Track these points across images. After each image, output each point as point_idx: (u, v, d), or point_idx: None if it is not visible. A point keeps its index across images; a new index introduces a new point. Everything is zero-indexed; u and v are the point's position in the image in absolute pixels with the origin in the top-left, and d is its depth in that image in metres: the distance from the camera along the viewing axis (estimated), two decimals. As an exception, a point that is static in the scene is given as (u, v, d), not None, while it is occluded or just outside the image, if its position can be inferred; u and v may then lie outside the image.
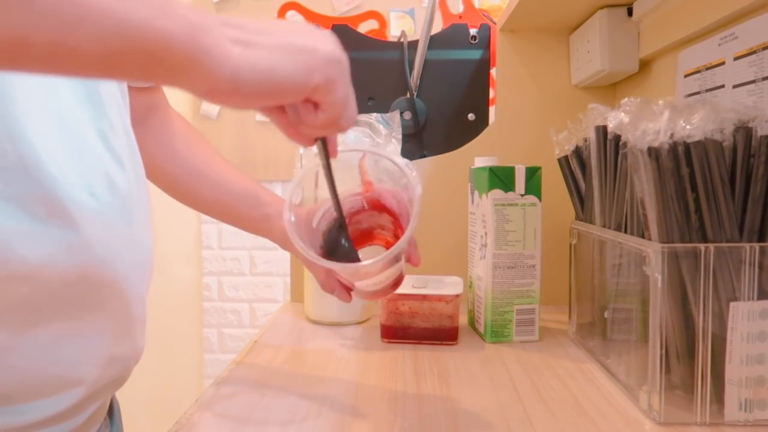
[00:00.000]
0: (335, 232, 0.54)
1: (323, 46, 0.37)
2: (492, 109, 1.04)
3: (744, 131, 0.50)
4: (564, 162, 0.73)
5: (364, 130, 0.82)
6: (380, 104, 1.05)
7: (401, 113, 1.03)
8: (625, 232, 0.59)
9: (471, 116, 1.05)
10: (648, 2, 0.77)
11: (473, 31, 1.05)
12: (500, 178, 0.73)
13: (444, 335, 0.74)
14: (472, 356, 0.70)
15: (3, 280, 0.40)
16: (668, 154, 0.50)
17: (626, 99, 0.56)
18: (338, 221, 0.53)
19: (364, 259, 0.51)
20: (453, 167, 0.95)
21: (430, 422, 0.52)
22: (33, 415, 0.43)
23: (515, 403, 0.56)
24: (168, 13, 0.31)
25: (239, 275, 2.12)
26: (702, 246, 0.50)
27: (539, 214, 0.74)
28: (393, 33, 1.95)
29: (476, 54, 1.05)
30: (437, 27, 1.08)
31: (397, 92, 1.05)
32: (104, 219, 0.45)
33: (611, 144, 0.61)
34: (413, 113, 1.04)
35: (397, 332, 0.75)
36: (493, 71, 1.04)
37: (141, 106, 0.66)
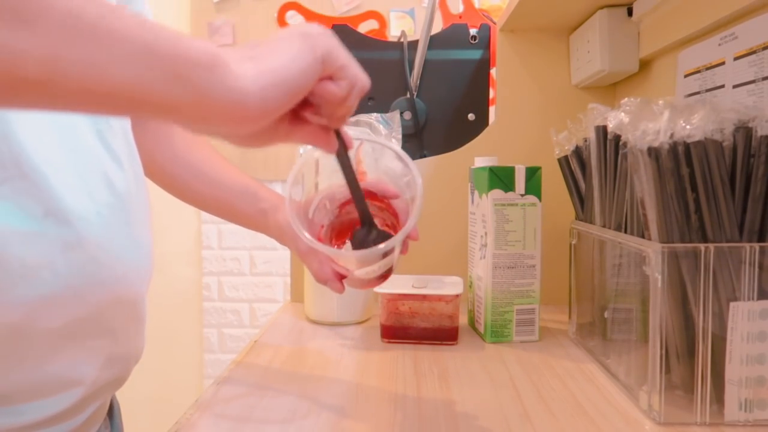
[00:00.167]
0: (364, 230, 0.53)
1: (309, 29, 0.39)
2: (492, 109, 1.04)
3: (744, 131, 0.50)
4: (564, 162, 0.73)
5: (364, 130, 0.82)
6: (380, 104, 1.05)
7: (401, 113, 1.03)
8: (625, 232, 0.59)
9: (471, 116, 1.05)
10: (648, 2, 0.77)
11: (473, 31, 1.05)
12: (500, 178, 0.73)
13: (444, 335, 0.74)
14: (472, 356, 0.70)
15: (0, 280, 0.40)
16: (668, 154, 0.50)
17: (626, 99, 0.56)
18: (364, 217, 0.51)
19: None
20: (453, 167, 0.95)
21: (430, 422, 0.52)
22: (33, 415, 0.43)
23: (515, 403, 0.56)
24: (184, 38, 0.32)
25: (239, 275, 2.12)
26: (702, 246, 0.50)
27: (539, 214, 0.74)
28: (393, 33, 1.95)
29: (476, 54, 1.05)
30: (437, 27, 1.08)
31: (397, 92, 1.05)
32: (102, 219, 0.45)
33: (611, 144, 0.61)
34: (413, 113, 1.04)
35: (397, 332, 0.75)
36: (493, 71, 1.04)
37: None
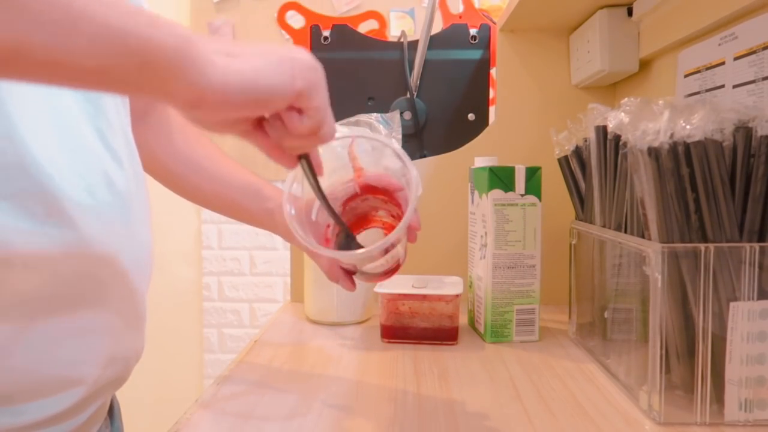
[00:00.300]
0: (342, 240, 0.54)
1: (301, 56, 0.39)
2: (492, 109, 1.04)
3: (744, 131, 0.50)
4: (564, 162, 0.73)
5: (364, 130, 0.82)
6: (380, 104, 1.05)
7: (401, 113, 1.03)
8: (625, 232, 0.59)
9: (471, 116, 1.05)
10: (648, 2, 0.77)
11: (473, 31, 1.05)
12: (500, 178, 0.73)
13: (444, 335, 0.74)
14: (472, 356, 0.70)
15: (2, 279, 0.40)
16: (668, 154, 0.50)
17: (626, 99, 0.56)
18: (341, 230, 0.53)
19: (366, 243, 0.51)
20: (453, 167, 0.95)
21: (430, 422, 0.52)
22: (33, 415, 0.43)
23: (515, 403, 0.56)
24: (157, 25, 0.32)
25: (239, 275, 2.12)
26: (702, 246, 0.50)
27: (539, 214, 0.74)
28: (393, 33, 1.95)
29: (476, 54, 1.05)
30: (437, 27, 1.07)
31: (397, 92, 1.05)
32: (103, 217, 0.45)
33: (611, 144, 0.61)
34: (413, 113, 1.04)
35: (397, 332, 0.75)
36: (493, 71, 1.04)
37: (140, 103, 0.66)
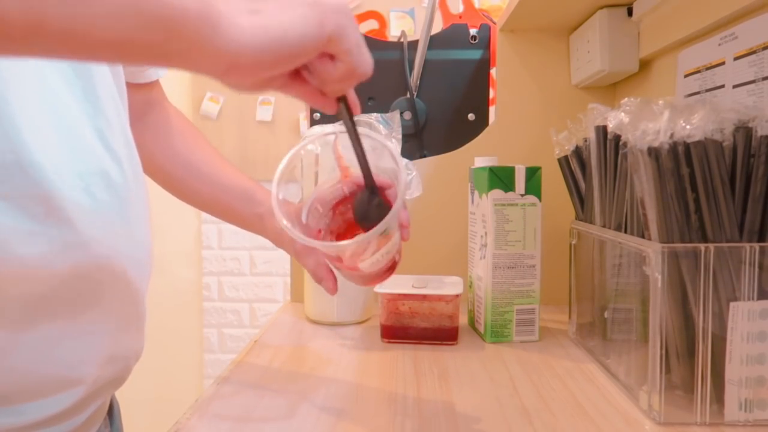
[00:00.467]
0: (366, 200, 0.50)
1: (326, 0, 0.38)
2: (492, 109, 1.04)
3: (744, 131, 0.50)
4: (564, 162, 0.73)
5: (365, 130, 0.82)
6: (380, 104, 1.05)
7: (401, 113, 1.03)
8: (625, 232, 0.59)
9: (471, 116, 1.05)
10: (648, 2, 0.77)
11: (473, 31, 1.05)
12: (500, 178, 0.73)
13: (444, 335, 0.74)
14: (472, 356, 0.70)
15: (0, 280, 0.40)
16: (668, 154, 0.50)
17: (626, 99, 0.56)
18: (368, 187, 0.49)
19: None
20: (453, 167, 0.95)
21: (430, 422, 0.52)
22: (33, 416, 0.43)
23: (515, 404, 0.56)
24: None
25: (239, 275, 2.12)
26: (702, 246, 0.50)
27: (539, 214, 0.74)
28: (393, 33, 1.95)
29: (476, 54, 1.05)
30: (437, 27, 1.07)
31: (397, 92, 1.05)
32: (102, 217, 0.45)
33: (611, 144, 0.61)
34: (413, 113, 1.04)
35: (397, 332, 0.75)
36: (493, 71, 1.04)
37: (139, 103, 0.66)
